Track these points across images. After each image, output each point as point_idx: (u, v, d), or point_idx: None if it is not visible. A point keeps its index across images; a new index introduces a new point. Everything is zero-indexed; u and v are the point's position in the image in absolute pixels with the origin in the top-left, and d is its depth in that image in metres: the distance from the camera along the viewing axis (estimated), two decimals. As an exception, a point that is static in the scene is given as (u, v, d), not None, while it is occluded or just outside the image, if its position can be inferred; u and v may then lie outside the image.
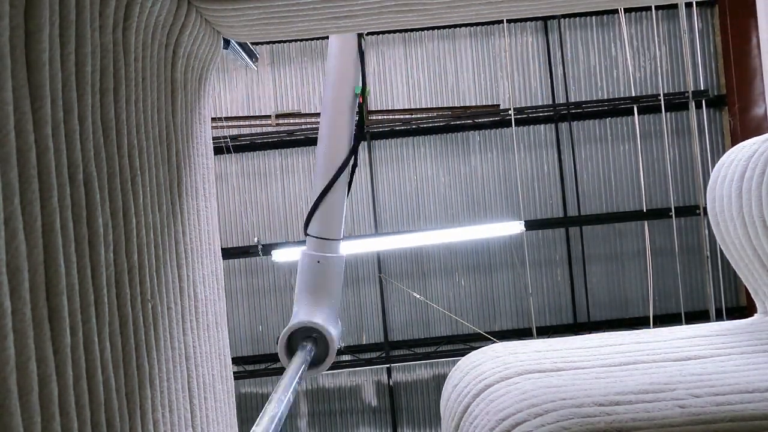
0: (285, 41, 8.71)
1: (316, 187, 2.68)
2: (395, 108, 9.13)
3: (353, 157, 2.67)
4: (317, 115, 9.10)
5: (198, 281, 1.14)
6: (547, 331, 9.04)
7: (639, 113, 8.91)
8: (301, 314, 2.59)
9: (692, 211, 8.77)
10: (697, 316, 8.78)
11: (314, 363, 2.52)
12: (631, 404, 1.07)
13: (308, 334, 2.55)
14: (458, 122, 9.01)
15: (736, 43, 8.46)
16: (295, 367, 2.14)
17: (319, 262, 2.65)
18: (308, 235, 2.67)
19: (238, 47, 5.62)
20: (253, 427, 1.31)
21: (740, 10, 8.37)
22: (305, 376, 2.28)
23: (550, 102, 9.10)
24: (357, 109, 2.67)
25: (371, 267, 9.06)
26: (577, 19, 9.03)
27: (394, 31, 8.95)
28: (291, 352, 2.52)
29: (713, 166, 1.94)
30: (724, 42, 8.76)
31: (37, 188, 0.61)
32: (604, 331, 7.28)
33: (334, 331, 2.56)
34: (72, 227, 0.67)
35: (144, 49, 0.92)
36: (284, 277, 9.08)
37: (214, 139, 1.53)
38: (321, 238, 2.65)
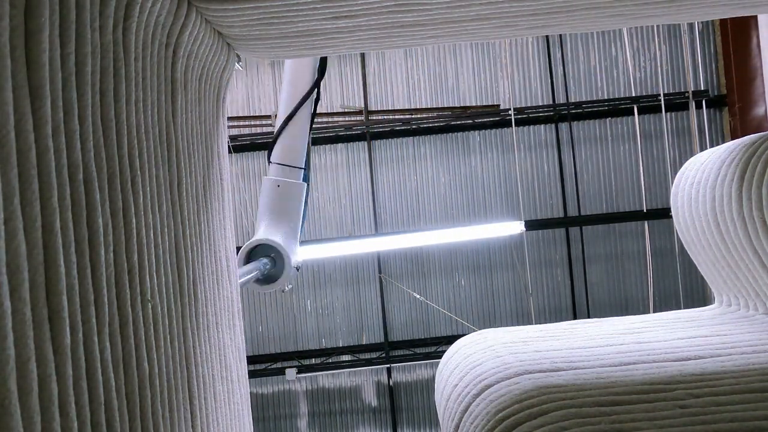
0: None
1: (279, 116, 2.83)
2: (395, 108, 9.13)
3: (316, 90, 2.83)
4: (317, 115, 9.09)
5: (198, 281, 1.14)
6: (547, 331, 9.04)
7: (639, 113, 8.92)
8: (260, 234, 2.78)
9: (692, 211, 8.77)
10: (697, 316, 8.77)
11: (271, 280, 2.73)
12: (631, 404, 1.07)
13: (267, 253, 2.75)
14: (458, 122, 9.01)
15: (736, 43, 8.46)
16: (247, 268, 2.32)
17: (279, 186, 2.83)
18: (270, 162, 2.86)
19: None
20: None
21: (740, 10, 8.37)
22: (253, 285, 2.56)
23: (550, 102, 9.10)
24: None
25: (371, 267, 9.06)
26: (577, 19, 9.02)
27: (394, 31, 8.94)
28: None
29: (713, 166, 1.95)
30: (724, 42, 8.76)
31: (37, 188, 0.61)
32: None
33: (289, 250, 2.73)
34: (72, 227, 0.67)
35: (144, 49, 0.92)
36: (284, 277, 9.07)
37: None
38: (281, 165, 2.84)
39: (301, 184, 2.88)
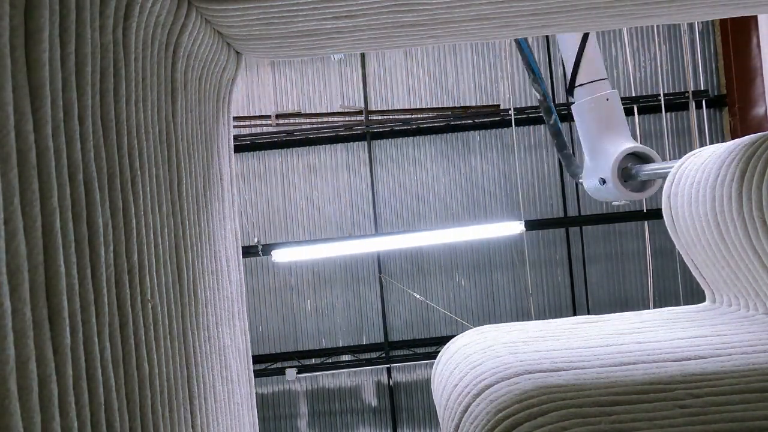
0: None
1: (567, 43, 2.89)
2: (395, 108, 9.13)
3: None
4: (317, 115, 9.10)
5: (198, 281, 1.14)
6: (547, 331, 9.05)
7: (639, 113, 8.91)
8: (625, 144, 2.89)
9: (692, 211, 8.77)
10: (697, 316, 8.77)
11: (639, 187, 2.93)
12: (631, 404, 1.07)
13: (628, 162, 2.93)
14: (458, 122, 9.01)
15: (736, 43, 8.46)
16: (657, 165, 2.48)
17: (608, 99, 2.90)
18: (580, 85, 2.93)
19: None
20: None
21: (740, 10, 8.36)
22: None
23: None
24: None
25: (371, 267, 9.06)
26: (577, 19, 9.03)
27: (394, 31, 8.94)
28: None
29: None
30: (724, 42, 8.76)
31: (37, 188, 0.61)
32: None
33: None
34: (72, 227, 0.67)
35: (144, 49, 0.92)
36: (284, 277, 9.07)
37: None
38: (596, 81, 2.92)
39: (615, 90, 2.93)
